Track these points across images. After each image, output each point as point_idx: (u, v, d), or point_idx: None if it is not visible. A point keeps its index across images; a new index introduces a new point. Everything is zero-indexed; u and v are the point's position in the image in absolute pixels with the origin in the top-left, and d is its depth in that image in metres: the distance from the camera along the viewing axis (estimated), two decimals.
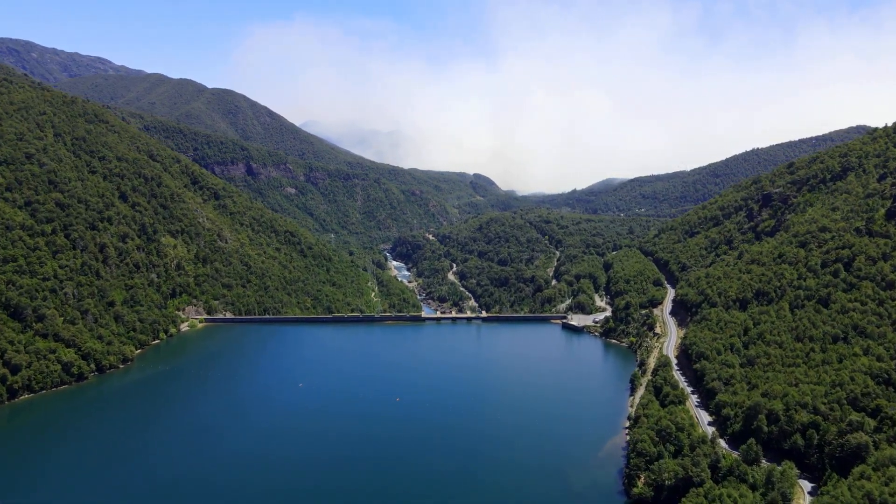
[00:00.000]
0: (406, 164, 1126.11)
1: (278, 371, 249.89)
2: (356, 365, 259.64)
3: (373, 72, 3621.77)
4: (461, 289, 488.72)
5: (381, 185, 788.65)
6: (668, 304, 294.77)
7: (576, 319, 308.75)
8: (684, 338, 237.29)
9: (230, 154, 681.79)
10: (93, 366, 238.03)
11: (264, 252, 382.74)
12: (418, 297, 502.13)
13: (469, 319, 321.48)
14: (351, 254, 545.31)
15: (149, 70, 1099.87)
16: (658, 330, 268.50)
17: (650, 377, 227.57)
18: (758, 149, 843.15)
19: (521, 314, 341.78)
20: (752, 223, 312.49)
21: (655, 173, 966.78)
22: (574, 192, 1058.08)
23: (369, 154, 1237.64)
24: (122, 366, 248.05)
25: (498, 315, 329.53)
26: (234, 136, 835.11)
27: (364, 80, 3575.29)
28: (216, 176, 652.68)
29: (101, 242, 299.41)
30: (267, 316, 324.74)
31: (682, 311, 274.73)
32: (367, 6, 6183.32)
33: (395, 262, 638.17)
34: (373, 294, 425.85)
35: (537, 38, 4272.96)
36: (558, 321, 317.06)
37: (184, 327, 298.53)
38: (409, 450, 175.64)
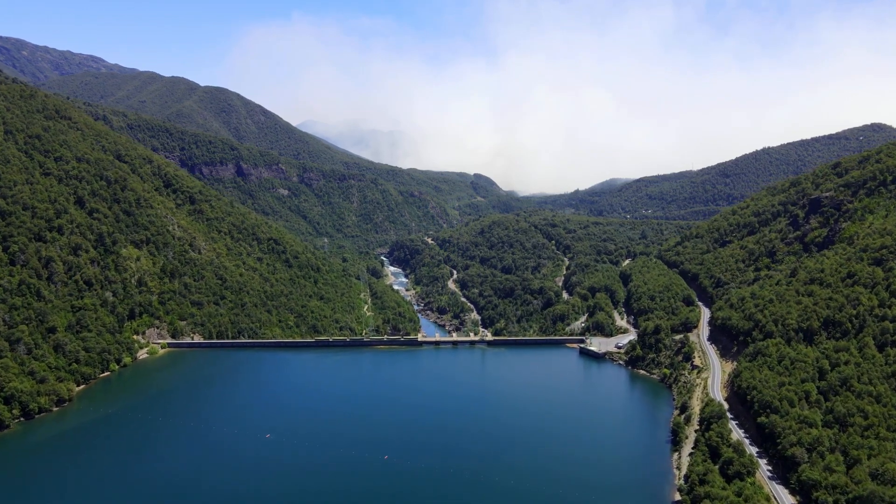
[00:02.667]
0: (405, 164, 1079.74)
1: (244, 413, 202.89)
2: (338, 402, 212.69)
3: (373, 71, 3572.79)
4: (462, 299, 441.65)
5: (378, 186, 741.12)
6: (704, 328, 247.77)
7: (595, 344, 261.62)
8: (735, 375, 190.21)
9: (219, 154, 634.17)
10: (17, 410, 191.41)
11: (243, 263, 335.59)
12: (416, 307, 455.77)
13: (472, 343, 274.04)
14: (344, 260, 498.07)
15: (143, 70, 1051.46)
16: (697, 361, 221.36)
17: (696, 426, 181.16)
18: (769, 147, 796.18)
19: (532, 337, 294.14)
20: (797, 232, 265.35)
21: (661, 173, 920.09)
22: (577, 192, 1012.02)
23: (368, 154, 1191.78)
24: (55, 409, 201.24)
25: (505, 339, 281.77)
26: (226, 135, 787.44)
27: (364, 79, 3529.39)
28: (204, 177, 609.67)
29: (47, 256, 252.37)
30: (240, 340, 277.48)
31: (724, 338, 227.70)
32: (367, 5, 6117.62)
33: (392, 268, 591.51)
34: (365, 307, 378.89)
35: (537, 34, 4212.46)
36: (575, 345, 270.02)
37: (141, 355, 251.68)
38: None
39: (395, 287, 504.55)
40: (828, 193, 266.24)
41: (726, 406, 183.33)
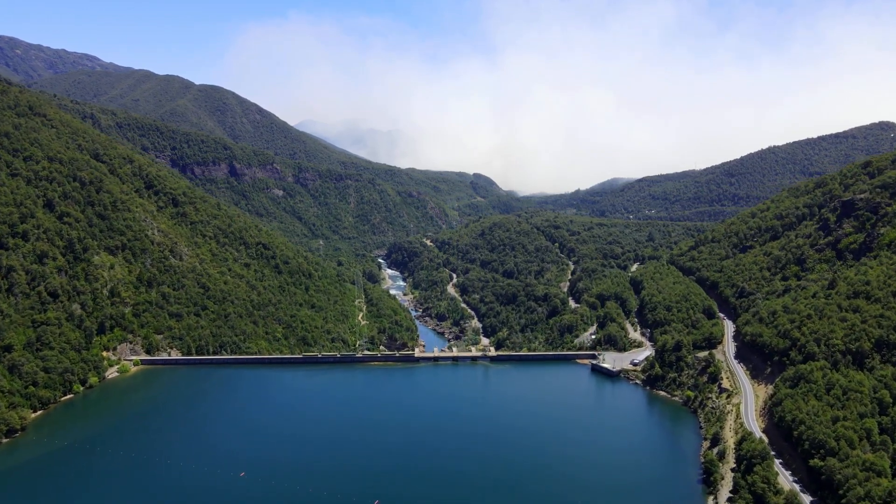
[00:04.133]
0: (403, 163, 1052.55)
1: (218, 445, 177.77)
2: (326, 429, 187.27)
3: (371, 70, 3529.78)
4: (462, 305, 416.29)
5: (376, 187, 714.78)
6: (729, 344, 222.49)
7: (609, 360, 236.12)
8: (775, 404, 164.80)
9: (212, 154, 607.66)
10: None
11: (229, 270, 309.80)
12: (414, 312, 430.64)
13: (474, 359, 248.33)
14: (340, 264, 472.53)
15: (138, 68, 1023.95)
16: (725, 383, 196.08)
17: (732, 463, 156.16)
18: (775, 146, 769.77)
19: (538, 352, 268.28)
20: (829, 238, 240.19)
21: (663, 172, 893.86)
22: (578, 192, 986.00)
23: (367, 154, 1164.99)
24: (5, 440, 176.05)
25: (510, 354, 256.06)
26: (221, 134, 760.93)
27: (362, 78, 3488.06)
28: (196, 178, 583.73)
29: (8, 265, 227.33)
30: (221, 356, 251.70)
31: (755, 356, 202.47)
32: (365, 3, 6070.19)
33: (389, 271, 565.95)
34: (360, 315, 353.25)
35: (536, 31, 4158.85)
36: (586, 360, 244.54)
37: (111, 373, 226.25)
38: None
39: (393, 292, 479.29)
40: (862, 195, 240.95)
41: (766, 440, 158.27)
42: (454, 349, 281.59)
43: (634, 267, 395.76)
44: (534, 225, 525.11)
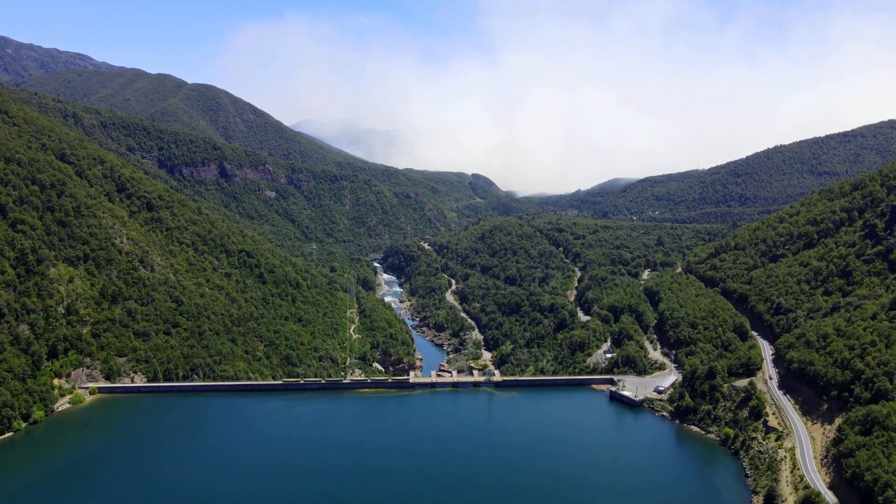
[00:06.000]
0: (401, 163, 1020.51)
1: (179, 495, 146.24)
2: (304, 481, 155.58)
3: (369, 69, 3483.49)
4: (462, 315, 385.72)
5: (372, 188, 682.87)
6: (769, 370, 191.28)
7: (629, 386, 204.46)
8: (842, 454, 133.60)
9: (201, 154, 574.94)
10: None
11: (207, 281, 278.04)
12: (410, 322, 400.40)
13: (476, 385, 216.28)
14: (332, 270, 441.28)
15: (130, 68, 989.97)
16: (773, 421, 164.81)
17: None
18: (781, 145, 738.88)
19: (549, 375, 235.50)
20: (879, 247, 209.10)
21: (666, 172, 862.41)
22: (578, 192, 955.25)
23: (364, 154, 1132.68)
24: None
25: (517, 379, 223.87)
26: (213, 134, 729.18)
27: (360, 78, 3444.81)
28: (184, 179, 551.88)
29: None
30: (191, 382, 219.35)
31: (803, 387, 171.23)
32: (362, 2, 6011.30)
33: (385, 276, 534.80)
34: (352, 328, 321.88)
35: (535, 28, 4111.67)
36: (603, 386, 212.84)
37: (61, 405, 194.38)
38: None
39: (389, 299, 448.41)
40: None
41: (835, 500, 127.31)
42: (454, 372, 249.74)
43: (646, 274, 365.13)
44: (536, 228, 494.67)
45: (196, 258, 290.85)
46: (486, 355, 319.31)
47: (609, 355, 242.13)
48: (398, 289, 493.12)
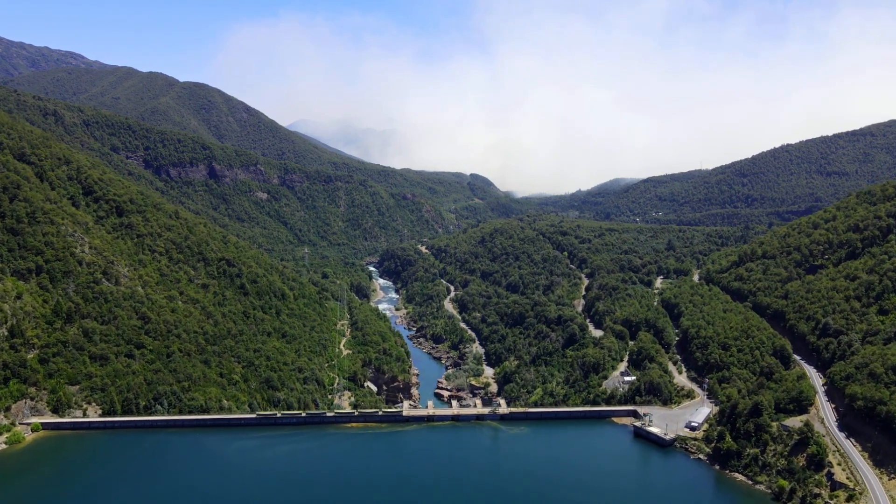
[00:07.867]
0: (398, 163, 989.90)
1: None
2: None
3: (365, 69, 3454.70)
4: (462, 325, 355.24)
5: (367, 189, 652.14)
6: (824, 407, 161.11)
7: (657, 421, 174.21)
8: None
9: (189, 154, 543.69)
10: None
11: (181, 294, 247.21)
12: (406, 332, 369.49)
13: (479, 418, 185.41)
14: (324, 276, 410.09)
15: (122, 66, 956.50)
16: (839, 475, 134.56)
17: None
18: (788, 145, 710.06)
19: (561, 408, 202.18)
20: None
21: (668, 172, 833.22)
22: (578, 192, 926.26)
23: (361, 154, 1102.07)
24: None
25: (526, 411, 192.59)
26: (204, 133, 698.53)
27: (357, 77, 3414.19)
28: (171, 180, 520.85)
29: None
30: (152, 416, 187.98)
31: (872, 431, 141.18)
32: (357, 1, 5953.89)
33: (381, 281, 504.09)
34: (342, 343, 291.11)
35: (532, 26, 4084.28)
36: (626, 420, 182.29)
37: None
38: None
39: (384, 306, 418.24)
40: None
41: None
42: (454, 403, 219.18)
43: (659, 282, 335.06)
44: (538, 231, 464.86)
45: (169, 268, 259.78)
46: (489, 371, 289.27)
47: (628, 378, 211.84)
48: (394, 295, 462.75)
